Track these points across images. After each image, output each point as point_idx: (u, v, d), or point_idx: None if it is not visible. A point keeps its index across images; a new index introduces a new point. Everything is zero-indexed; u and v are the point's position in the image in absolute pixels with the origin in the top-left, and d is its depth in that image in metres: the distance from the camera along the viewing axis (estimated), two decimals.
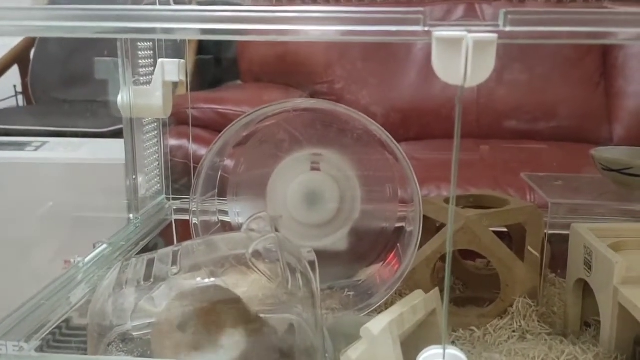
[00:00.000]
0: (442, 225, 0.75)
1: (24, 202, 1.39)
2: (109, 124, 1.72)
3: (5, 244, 1.28)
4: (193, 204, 0.78)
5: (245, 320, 0.53)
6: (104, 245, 0.69)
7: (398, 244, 0.79)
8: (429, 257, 0.70)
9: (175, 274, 0.55)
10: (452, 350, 0.42)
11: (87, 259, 0.66)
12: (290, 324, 0.55)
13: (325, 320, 0.68)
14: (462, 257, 0.83)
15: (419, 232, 0.69)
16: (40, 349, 0.57)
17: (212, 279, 0.58)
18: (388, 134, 0.69)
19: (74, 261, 0.65)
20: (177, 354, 0.54)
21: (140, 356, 0.62)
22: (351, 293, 0.79)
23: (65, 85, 2.41)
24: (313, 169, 0.81)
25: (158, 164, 0.86)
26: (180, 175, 0.97)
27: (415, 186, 0.69)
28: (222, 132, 0.76)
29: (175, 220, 0.89)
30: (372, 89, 1.67)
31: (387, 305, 0.78)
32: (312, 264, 0.59)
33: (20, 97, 2.42)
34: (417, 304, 0.51)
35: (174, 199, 0.91)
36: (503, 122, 1.64)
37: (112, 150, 1.50)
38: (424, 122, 1.60)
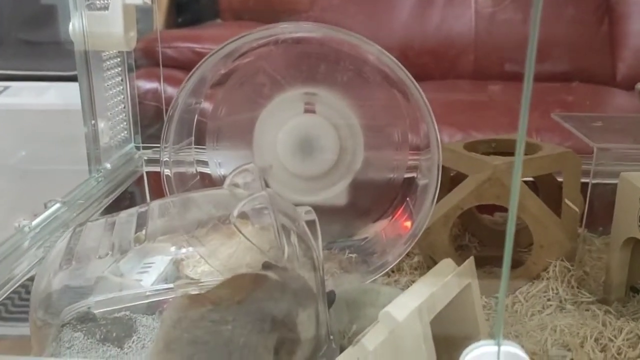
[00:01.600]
0: (459, 176, 0.63)
1: None
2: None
3: None
4: (165, 153, 0.66)
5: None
6: (57, 205, 0.57)
7: (408, 198, 0.68)
8: (447, 214, 0.59)
9: (140, 245, 0.44)
10: (510, 347, 0.31)
11: (35, 222, 0.54)
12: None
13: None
14: (478, 210, 0.73)
15: (437, 184, 0.57)
16: None
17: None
18: (403, 67, 0.57)
19: (19, 225, 0.53)
20: None
21: (105, 339, 0.52)
22: (353, 255, 0.68)
23: (30, 25, 2.22)
24: (307, 110, 0.68)
25: (124, 107, 0.73)
26: (152, 121, 0.84)
27: (433, 129, 0.57)
28: (196, 66, 0.63)
29: (148, 172, 0.77)
30: (362, 26, 1.53)
31: (395, 269, 0.68)
32: (311, 225, 0.48)
33: None
34: (450, 280, 0.40)
35: (145, 148, 0.78)
36: (503, 62, 1.52)
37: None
38: (421, 62, 1.47)
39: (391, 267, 0.64)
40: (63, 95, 1.48)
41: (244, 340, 0.43)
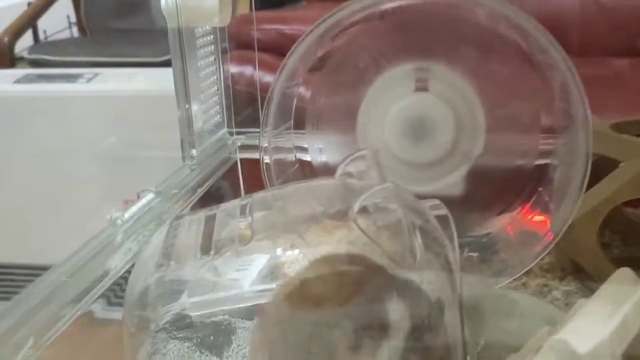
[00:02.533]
0: (605, 162, 0.53)
1: (70, 138, 1.26)
2: (166, 52, 1.56)
3: (46, 183, 1.16)
4: (264, 139, 0.60)
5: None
6: (151, 195, 0.53)
7: (540, 188, 0.58)
8: (597, 208, 0.49)
9: (244, 246, 0.37)
10: None
11: (127, 214, 0.49)
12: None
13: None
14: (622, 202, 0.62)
15: (586, 170, 0.48)
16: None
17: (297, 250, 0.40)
18: (548, 33, 0.47)
19: (111, 217, 0.48)
20: None
21: (202, 344, 0.47)
22: (474, 254, 0.59)
23: (119, 14, 2.26)
24: (418, 89, 0.60)
25: (217, 90, 0.68)
26: (243, 106, 0.78)
27: (580, 100, 0.47)
28: (293, 47, 0.56)
29: (242, 159, 0.72)
30: None
31: (526, 272, 0.59)
32: (443, 221, 0.40)
33: (74, 29, 2.29)
34: None
35: (238, 133, 0.73)
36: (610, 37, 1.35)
37: (170, 79, 1.35)
38: None
39: (525, 270, 0.55)
40: (153, 81, 1.48)
41: (351, 346, 0.36)
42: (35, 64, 1.82)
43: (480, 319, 0.50)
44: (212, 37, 0.66)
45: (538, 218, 0.57)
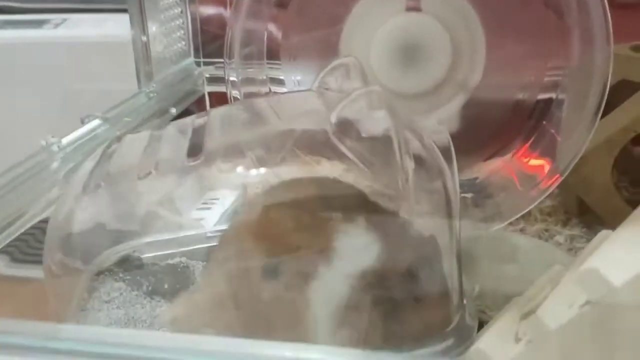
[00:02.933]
0: (624, 87, 0.46)
1: (35, 85, 1.18)
2: None
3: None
4: (231, 70, 0.52)
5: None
6: (96, 121, 0.45)
7: (544, 122, 0.51)
8: (612, 138, 0.42)
9: (194, 162, 0.30)
10: None
11: (66, 140, 0.42)
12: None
13: None
14: (631, 140, 0.55)
15: (602, 99, 0.41)
16: None
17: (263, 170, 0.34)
18: None
19: (46, 143, 0.41)
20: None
21: (154, 291, 0.40)
22: (469, 194, 0.53)
23: None
24: (410, 8, 0.53)
25: (181, 11, 0.60)
26: (213, 37, 0.70)
27: (603, 18, 0.40)
28: None
29: (210, 93, 0.64)
30: None
31: (523, 215, 0.52)
32: (443, 148, 0.33)
33: None
34: None
35: (206, 63, 0.64)
36: None
37: None
38: None
39: (520, 214, 0.49)
40: (123, 27, 1.38)
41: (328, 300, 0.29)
42: (1, 11, 1.70)
43: (475, 264, 0.44)
44: None
45: (536, 161, 0.51)
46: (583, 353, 0.24)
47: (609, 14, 0.40)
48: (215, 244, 0.36)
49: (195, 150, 0.31)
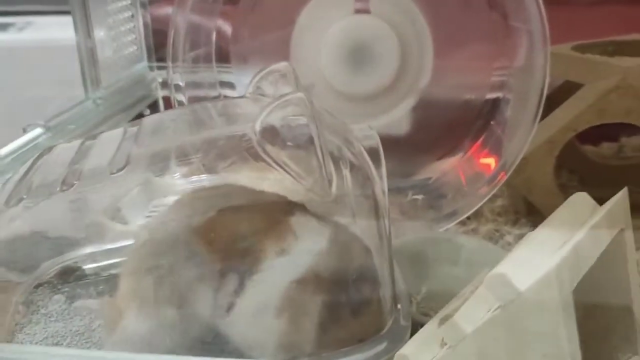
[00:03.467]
0: (568, 87, 0.47)
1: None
2: None
3: None
4: (175, 75, 0.51)
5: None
6: (38, 130, 0.44)
7: (492, 122, 0.52)
8: (553, 138, 0.43)
9: (116, 172, 0.30)
10: None
11: (5, 150, 0.41)
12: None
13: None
14: (579, 139, 0.56)
15: (540, 98, 0.41)
16: None
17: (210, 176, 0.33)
18: None
19: None
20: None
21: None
22: (419, 196, 0.53)
23: None
24: (358, 10, 0.53)
25: (132, 15, 0.59)
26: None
27: (540, 20, 0.41)
28: None
29: (165, 97, 0.63)
30: None
31: (471, 216, 0.53)
32: (373, 153, 0.33)
33: None
34: (598, 222, 0.25)
35: (160, 67, 0.64)
36: None
37: None
38: None
39: (468, 214, 0.49)
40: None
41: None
42: None
43: (423, 265, 0.44)
44: None
45: (485, 160, 0.51)
46: (498, 354, 0.24)
47: (544, 16, 0.41)
48: None
49: (121, 159, 0.31)
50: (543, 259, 0.23)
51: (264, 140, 0.28)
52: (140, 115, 0.58)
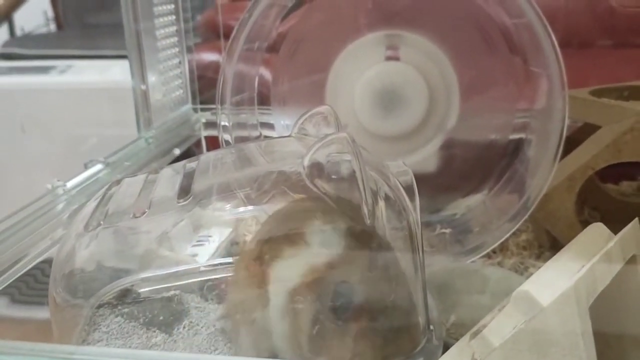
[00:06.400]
0: (587, 130, 0.50)
1: (42, 130, 1.22)
2: None
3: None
4: (223, 116, 0.56)
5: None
6: (99, 166, 0.49)
7: (515, 161, 0.55)
8: (573, 176, 0.46)
9: (184, 202, 0.34)
10: None
11: (70, 183, 0.46)
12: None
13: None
14: (600, 178, 0.59)
15: (562, 133, 0.45)
16: None
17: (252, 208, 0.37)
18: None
19: (52, 186, 0.44)
20: None
21: (150, 323, 0.43)
22: (446, 230, 0.56)
23: (97, 9, 2.21)
24: (389, 58, 0.57)
25: (179, 62, 0.64)
26: (210, 84, 0.75)
27: (558, 67, 0.44)
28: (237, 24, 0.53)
29: (207, 137, 0.68)
30: None
31: (497, 249, 0.56)
32: (407, 187, 0.36)
33: (52, 24, 2.25)
34: (612, 249, 0.28)
35: (203, 110, 0.69)
36: None
37: None
38: None
39: (493, 247, 0.52)
40: (127, 73, 1.43)
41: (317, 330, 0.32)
42: (8, 57, 1.77)
43: (451, 295, 0.47)
44: (172, 6, 0.63)
45: (509, 196, 0.54)
46: None
47: (562, 62, 0.44)
48: (208, 277, 0.40)
49: (185, 191, 0.35)
50: (563, 279, 0.26)
51: (312, 174, 0.32)
52: (188, 153, 0.63)
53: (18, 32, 2.08)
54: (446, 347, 0.36)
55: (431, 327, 0.36)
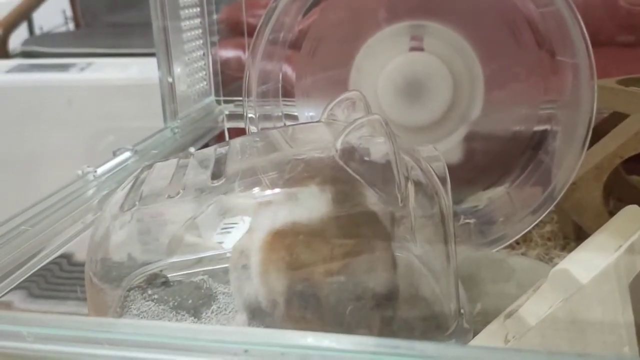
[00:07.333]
0: (613, 119, 0.50)
1: (63, 127, 1.24)
2: None
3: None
4: (249, 109, 0.57)
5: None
6: (127, 153, 0.49)
7: (540, 152, 0.55)
8: (601, 164, 0.46)
9: (217, 184, 0.34)
10: None
11: (100, 170, 0.46)
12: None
13: None
14: (626, 170, 0.58)
15: (588, 129, 0.45)
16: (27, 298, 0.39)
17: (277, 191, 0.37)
18: None
19: (82, 172, 0.45)
20: None
21: (180, 306, 0.44)
22: (471, 220, 0.56)
23: (115, 8, 2.24)
24: (413, 48, 0.57)
25: (203, 54, 0.65)
26: (233, 76, 0.75)
27: (587, 54, 0.44)
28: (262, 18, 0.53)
29: (229, 129, 0.69)
30: None
31: (520, 240, 0.56)
32: (439, 171, 0.36)
33: (71, 24, 2.27)
34: None
35: (226, 102, 0.69)
36: None
37: None
38: None
39: (516, 238, 0.52)
40: (147, 70, 1.45)
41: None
42: (28, 55, 1.79)
43: (477, 284, 0.47)
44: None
45: (534, 187, 0.54)
46: (560, 344, 0.27)
47: (591, 50, 0.44)
48: None
49: (217, 174, 0.35)
50: (600, 258, 0.26)
51: (344, 156, 0.32)
52: (207, 146, 0.63)
53: (37, 31, 2.10)
54: (474, 335, 0.36)
55: (462, 310, 0.36)
